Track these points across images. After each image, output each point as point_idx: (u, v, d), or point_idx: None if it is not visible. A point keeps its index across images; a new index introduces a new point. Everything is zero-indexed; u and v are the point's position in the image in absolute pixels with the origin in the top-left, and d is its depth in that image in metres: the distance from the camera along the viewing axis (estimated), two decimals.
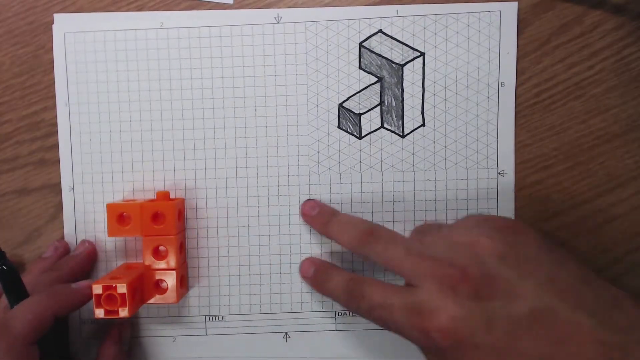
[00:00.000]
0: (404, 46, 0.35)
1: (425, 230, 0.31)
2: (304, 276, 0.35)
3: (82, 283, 0.32)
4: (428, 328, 0.25)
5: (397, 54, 0.35)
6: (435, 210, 0.35)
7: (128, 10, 0.35)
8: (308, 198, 0.36)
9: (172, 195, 0.36)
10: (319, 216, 0.34)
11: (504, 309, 0.24)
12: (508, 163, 0.35)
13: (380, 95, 0.35)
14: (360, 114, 0.35)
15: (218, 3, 0.35)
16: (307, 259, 0.35)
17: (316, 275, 0.33)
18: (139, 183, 0.36)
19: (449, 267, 0.26)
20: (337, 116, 0.35)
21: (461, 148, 0.35)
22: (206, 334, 0.36)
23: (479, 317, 0.24)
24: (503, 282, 0.25)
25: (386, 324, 0.27)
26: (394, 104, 0.35)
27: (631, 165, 0.35)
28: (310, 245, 0.36)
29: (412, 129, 0.35)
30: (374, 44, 0.35)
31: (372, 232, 0.30)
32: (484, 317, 0.24)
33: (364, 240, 0.30)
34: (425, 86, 0.35)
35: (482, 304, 0.25)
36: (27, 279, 0.32)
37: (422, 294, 0.26)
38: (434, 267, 0.26)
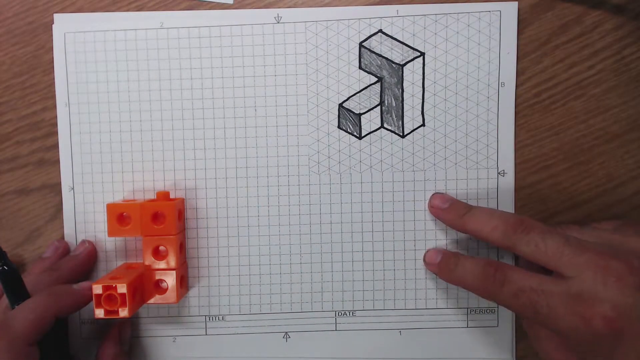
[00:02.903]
0: (404, 46, 0.35)
1: (567, 229, 0.32)
2: (430, 263, 0.34)
3: (83, 284, 0.33)
4: (591, 315, 0.25)
5: (397, 54, 0.35)
6: None
7: (128, 10, 0.35)
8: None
9: (172, 195, 0.36)
10: (453, 209, 0.33)
11: None
12: (508, 163, 0.35)
13: (380, 95, 0.35)
14: (360, 114, 0.35)
15: (218, 3, 0.35)
16: (432, 249, 0.35)
17: (444, 262, 0.33)
18: (139, 183, 0.36)
19: (613, 258, 0.26)
20: (337, 116, 0.35)
21: (461, 148, 0.35)
22: (206, 334, 0.36)
23: None
24: None
25: (535, 309, 0.27)
26: (394, 104, 0.35)
27: (631, 165, 0.35)
28: (311, 245, 0.36)
29: (412, 129, 0.35)
30: (374, 44, 0.35)
31: (523, 222, 0.29)
32: None
33: (513, 231, 0.29)
34: (425, 86, 0.35)
35: None
36: (28, 279, 0.32)
37: (582, 283, 0.26)
38: (597, 257, 0.27)
